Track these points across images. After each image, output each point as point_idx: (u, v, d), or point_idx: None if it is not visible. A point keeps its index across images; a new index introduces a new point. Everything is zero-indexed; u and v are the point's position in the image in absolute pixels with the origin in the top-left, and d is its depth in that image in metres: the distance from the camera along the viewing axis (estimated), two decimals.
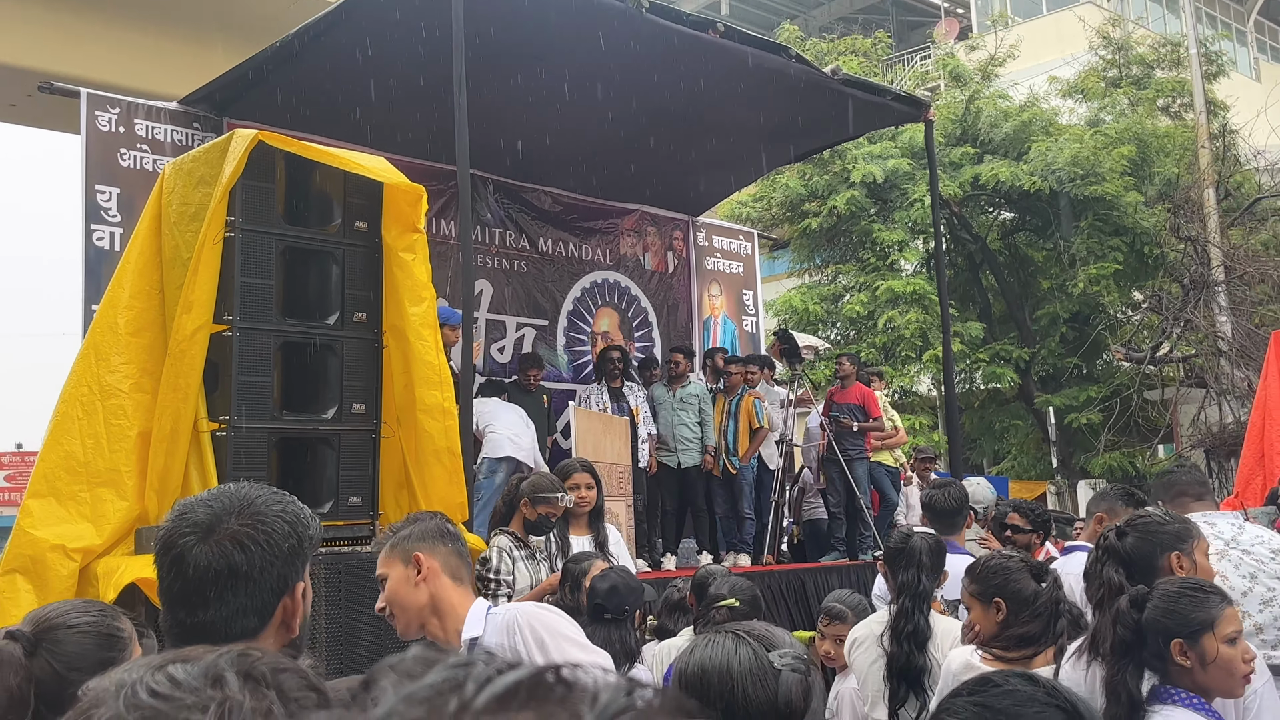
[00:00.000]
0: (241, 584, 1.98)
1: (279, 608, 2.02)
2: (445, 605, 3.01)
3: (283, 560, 2.01)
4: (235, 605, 1.97)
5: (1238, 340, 19.05)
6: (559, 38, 8.46)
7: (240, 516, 2.00)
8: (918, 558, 4.30)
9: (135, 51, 16.72)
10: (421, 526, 3.11)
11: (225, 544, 1.97)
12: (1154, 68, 23.68)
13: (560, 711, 0.48)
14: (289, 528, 2.03)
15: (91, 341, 5.56)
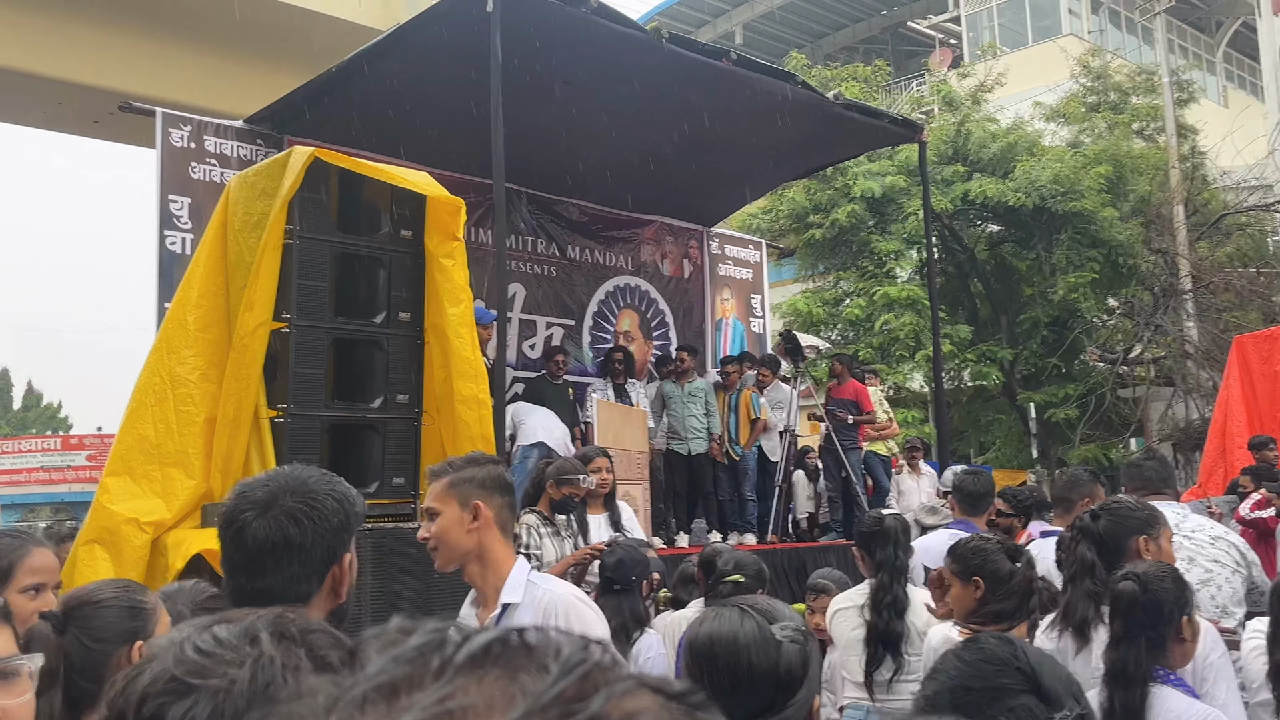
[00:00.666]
0: (295, 554, 2.01)
1: (328, 576, 2.06)
2: (490, 556, 2.84)
3: (332, 534, 2.05)
4: (290, 573, 2.00)
5: (1203, 344, 18.96)
6: (587, 65, 8.47)
7: (294, 495, 2.03)
8: (893, 536, 4.33)
9: (205, 74, 16.83)
10: (484, 473, 2.87)
11: (281, 519, 2.01)
12: (1130, 95, 23.54)
13: (528, 664, 0.50)
14: (337, 505, 2.07)
15: (163, 336, 5.62)
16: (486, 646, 0.51)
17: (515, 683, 0.50)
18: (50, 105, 17.95)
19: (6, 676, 1.58)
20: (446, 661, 0.51)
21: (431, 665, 0.51)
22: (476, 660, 0.51)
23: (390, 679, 0.51)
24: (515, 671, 0.50)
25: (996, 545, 3.69)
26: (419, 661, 0.51)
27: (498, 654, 0.51)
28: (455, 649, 0.51)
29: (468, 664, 0.51)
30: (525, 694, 0.49)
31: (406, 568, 5.45)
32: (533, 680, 0.50)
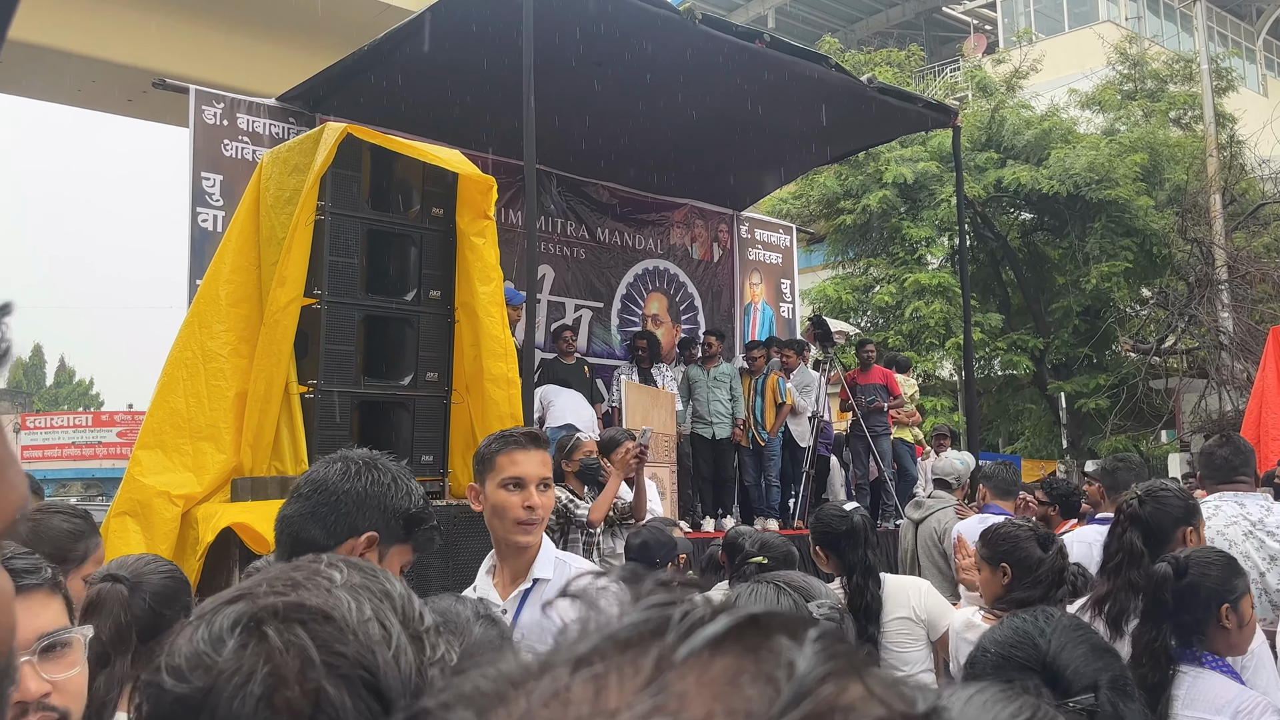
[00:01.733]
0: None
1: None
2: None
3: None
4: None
5: (1238, 335, 18.75)
6: (620, 46, 8.45)
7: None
8: (863, 535, 4.10)
9: (239, 53, 16.90)
10: (483, 452, 2.90)
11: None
12: (1167, 82, 23.25)
13: (757, 669, 0.45)
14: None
15: (196, 311, 5.65)
16: (714, 642, 0.46)
17: (741, 697, 0.44)
18: (85, 83, 18.09)
19: (57, 649, 1.58)
20: (666, 655, 0.45)
21: (648, 656, 0.45)
22: (697, 658, 0.45)
23: (601, 667, 0.45)
24: (741, 679, 0.45)
25: (1028, 532, 3.65)
26: (636, 647, 0.46)
27: (726, 651, 0.46)
28: (679, 639, 0.46)
29: (689, 662, 0.45)
30: (749, 716, 0.43)
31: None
32: (760, 696, 0.44)
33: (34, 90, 19.41)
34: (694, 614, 0.47)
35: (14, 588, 1.17)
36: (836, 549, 4.11)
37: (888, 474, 10.30)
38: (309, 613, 0.97)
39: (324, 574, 1.02)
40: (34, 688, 1.52)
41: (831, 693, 0.44)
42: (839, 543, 4.10)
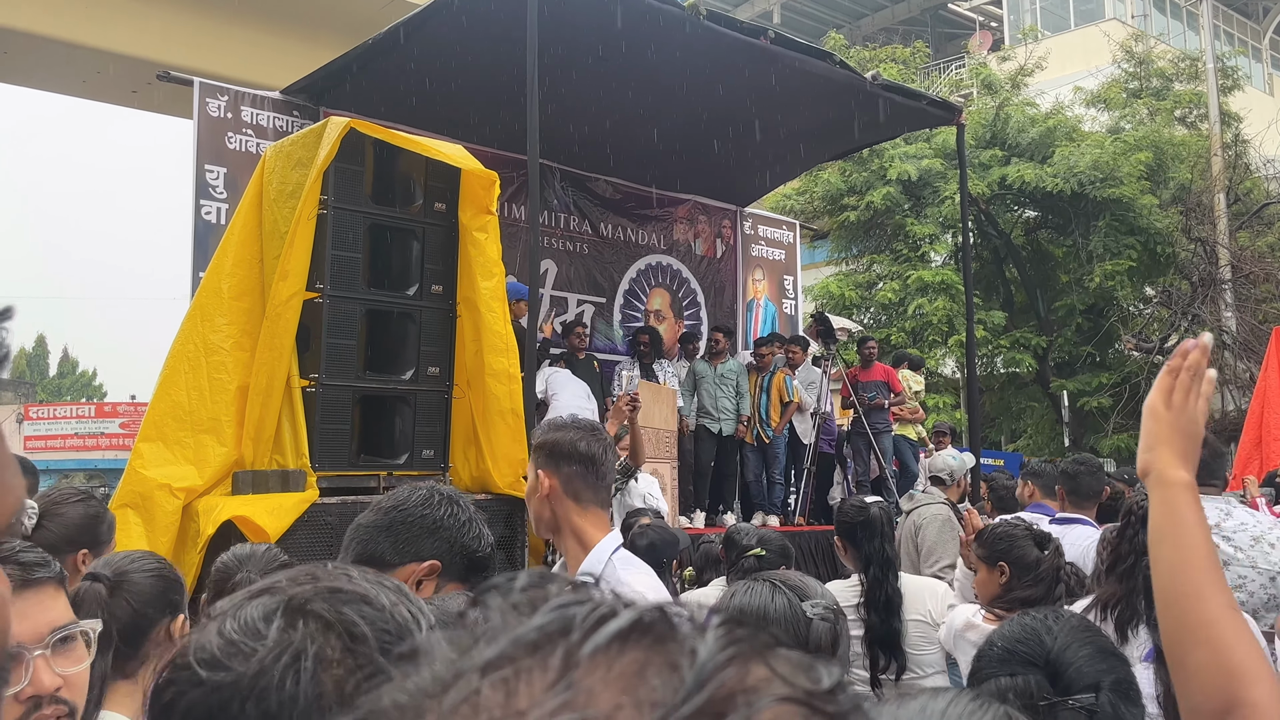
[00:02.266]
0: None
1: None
2: (568, 526, 2.74)
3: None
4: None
5: (1241, 334, 18.75)
6: (624, 41, 8.44)
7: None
8: (879, 527, 4.08)
9: (243, 46, 16.91)
10: (555, 439, 2.77)
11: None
12: (1173, 81, 23.20)
13: (660, 660, 0.46)
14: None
15: (198, 304, 5.66)
16: (618, 637, 0.47)
17: (647, 687, 0.45)
18: (89, 74, 18.11)
19: (67, 643, 1.58)
20: (572, 653, 0.46)
21: (555, 655, 0.46)
22: (603, 653, 0.46)
23: (509, 670, 0.46)
24: (646, 670, 0.46)
25: (1024, 532, 3.65)
26: (542, 648, 0.47)
27: (631, 645, 0.46)
28: (584, 637, 0.47)
29: (594, 658, 0.46)
30: (655, 705, 0.44)
31: None
32: (664, 685, 0.45)
33: (40, 81, 19.43)
34: (599, 611, 0.48)
35: (16, 585, 1.17)
36: (854, 541, 4.11)
37: (888, 471, 10.30)
38: (348, 595, 0.98)
39: (341, 570, 1.03)
40: (48, 681, 1.52)
41: (734, 676, 0.45)
42: (856, 534, 4.10)
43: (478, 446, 5.88)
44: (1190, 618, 1.46)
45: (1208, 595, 1.46)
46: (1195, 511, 1.53)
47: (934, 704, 1.01)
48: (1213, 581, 1.48)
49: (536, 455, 2.78)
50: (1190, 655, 1.45)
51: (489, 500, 5.79)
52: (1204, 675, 1.42)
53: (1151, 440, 1.59)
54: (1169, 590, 1.51)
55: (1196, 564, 1.49)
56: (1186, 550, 1.50)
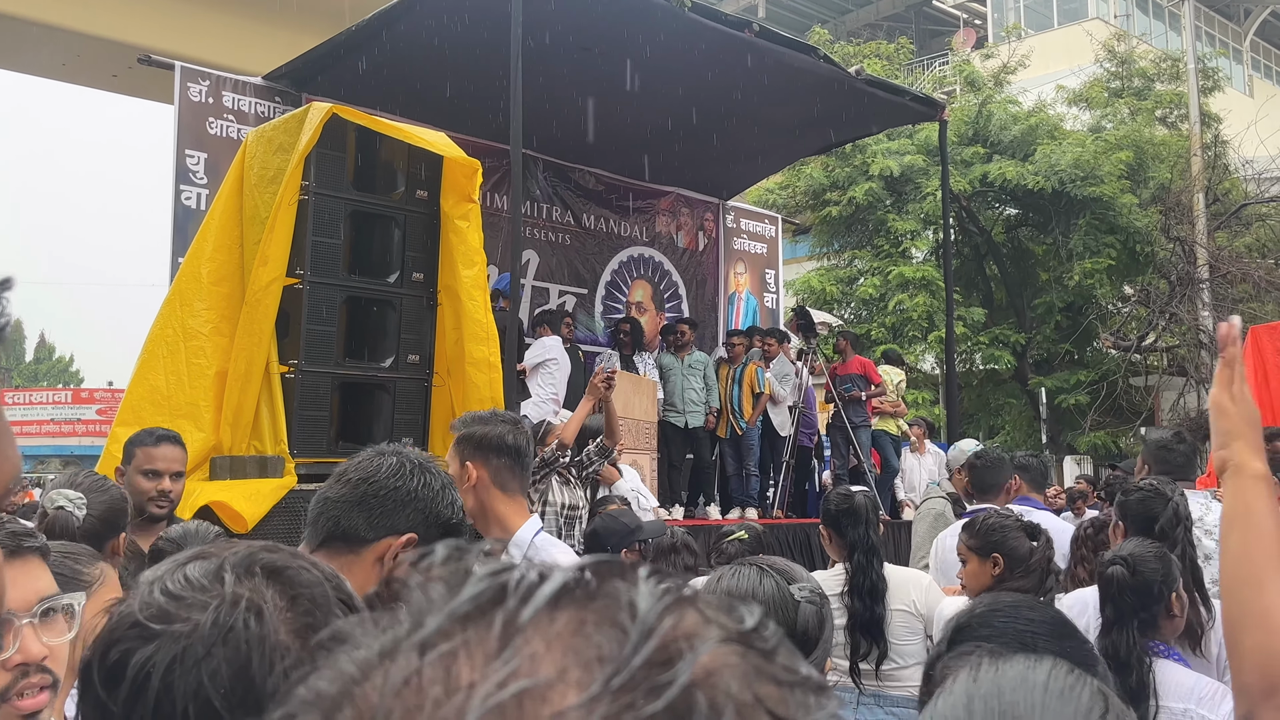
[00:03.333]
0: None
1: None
2: (493, 514, 2.84)
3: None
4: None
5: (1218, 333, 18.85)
6: (609, 32, 8.44)
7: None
8: (864, 515, 4.06)
9: (226, 31, 16.80)
10: (484, 432, 2.86)
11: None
12: (1154, 81, 23.32)
13: (601, 619, 0.46)
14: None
15: (177, 289, 5.63)
16: (554, 599, 0.46)
17: (590, 646, 0.45)
18: (69, 57, 17.95)
19: (50, 615, 1.59)
20: (510, 621, 0.46)
21: (493, 625, 0.46)
22: (543, 617, 0.46)
23: (448, 645, 0.45)
24: (587, 629, 0.45)
25: (1015, 523, 3.66)
26: (479, 620, 0.46)
27: (567, 605, 0.46)
28: (519, 603, 0.46)
29: (534, 623, 0.45)
30: (602, 661, 0.44)
31: None
32: (608, 641, 0.45)
33: (18, 64, 19.25)
34: (529, 577, 0.48)
35: (6, 554, 1.17)
36: (839, 529, 4.09)
37: (866, 464, 10.33)
38: (286, 556, 1.00)
39: (268, 544, 1.06)
40: (35, 650, 1.52)
41: (672, 624, 0.46)
42: (840, 522, 4.09)
43: None
44: (1250, 603, 1.54)
45: (1269, 583, 1.54)
46: (1268, 503, 1.60)
47: (1034, 674, 1.02)
48: (1276, 570, 1.55)
49: (462, 447, 2.86)
50: (1245, 638, 1.53)
51: None
52: (1256, 657, 1.50)
53: (1225, 437, 1.66)
54: (1233, 576, 1.59)
55: (1262, 553, 1.56)
56: (1254, 539, 1.57)
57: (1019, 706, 0.98)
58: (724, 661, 0.46)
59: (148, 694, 0.92)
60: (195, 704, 0.92)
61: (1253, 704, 1.50)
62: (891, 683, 3.89)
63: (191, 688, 0.92)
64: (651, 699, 0.43)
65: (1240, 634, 1.55)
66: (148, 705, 0.92)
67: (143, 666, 0.93)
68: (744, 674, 0.46)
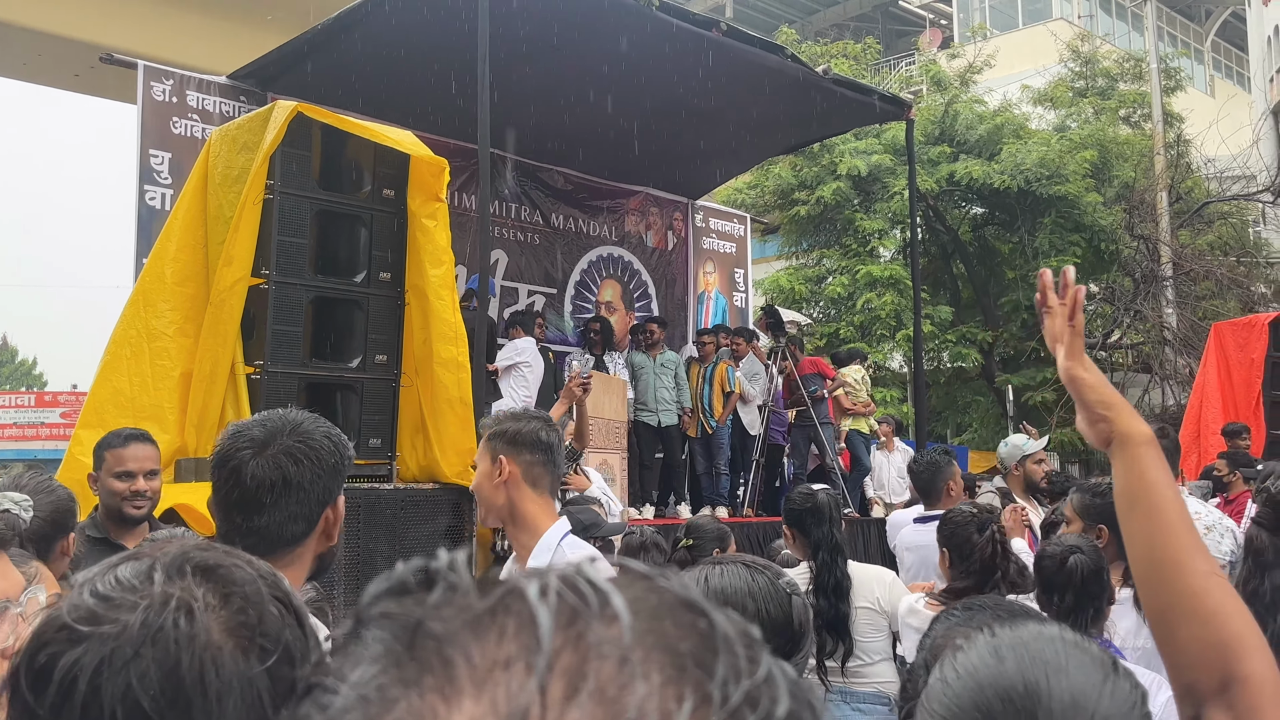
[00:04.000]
0: (294, 493, 2.01)
1: (322, 518, 2.06)
2: (520, 514, 2.78)
3: (328, 474, 2.05)
4: (287, 512, 2.00)
5: (1182, 331, 19.09)
6: (577, 30, 8.41)
7: (292, 435, 2.04)
8: (828, 513, 4.07)
9: (189, 29, 16.64)
10: (517, 428, 2.82)
11: (280, 457, 2.02)
12: (1118, 81, 23.55)
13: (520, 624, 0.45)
14: (333, 446, 2.07)
15: (140, 290, 5.57)
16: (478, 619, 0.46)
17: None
18: (30, 56, 17.74)
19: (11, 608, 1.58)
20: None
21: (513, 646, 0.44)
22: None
23: (460, 677, 0.43)
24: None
25: (969, 517, 3.65)
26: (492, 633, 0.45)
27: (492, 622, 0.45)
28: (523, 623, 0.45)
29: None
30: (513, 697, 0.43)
31: (380, 528, 5.45)
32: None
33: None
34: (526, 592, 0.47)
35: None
36: (802, 527, 4.10)
37: (828, 460, 10.36)
38: (219, 554, 0.99)
39: (202, 544, 1.04)
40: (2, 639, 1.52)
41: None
42: (804, 521, 4.09)
43: (425, 435, 5.85)
44: (1174, 589, 1.34)
45: (1188, 563, 1.35)
46: (1162, 471, 1.42)
47: (1047, 629, 1.10)
48: (1192, 546, 1.36)
49: (495, 442, 2.80)
50: (1179, 630, 1.33)
51: (436, 489, 5.76)
52: (1195, 650, 1.31)
53: (1098, 408, 1.50)
54: (1146, 560, 1.39)
55: (1173, 529, 1.37)
56: (1160, 515, 1.38)
57: (1046, 653, 1.05)
58: None
59: (75, 697, 0.91)
60: (124, 706, 0.90)
61: (1199, 703, 1.29)
62: (857, 679, 3.90)
63: (120, 690, 0.90)
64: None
65: (1171, 627, 1.34)
66: (75, 709, 0.90)
67: (70, 670, 0.91)
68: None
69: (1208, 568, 1.35)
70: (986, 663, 1.05)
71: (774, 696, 0.44)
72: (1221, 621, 1.31)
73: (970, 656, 1.07)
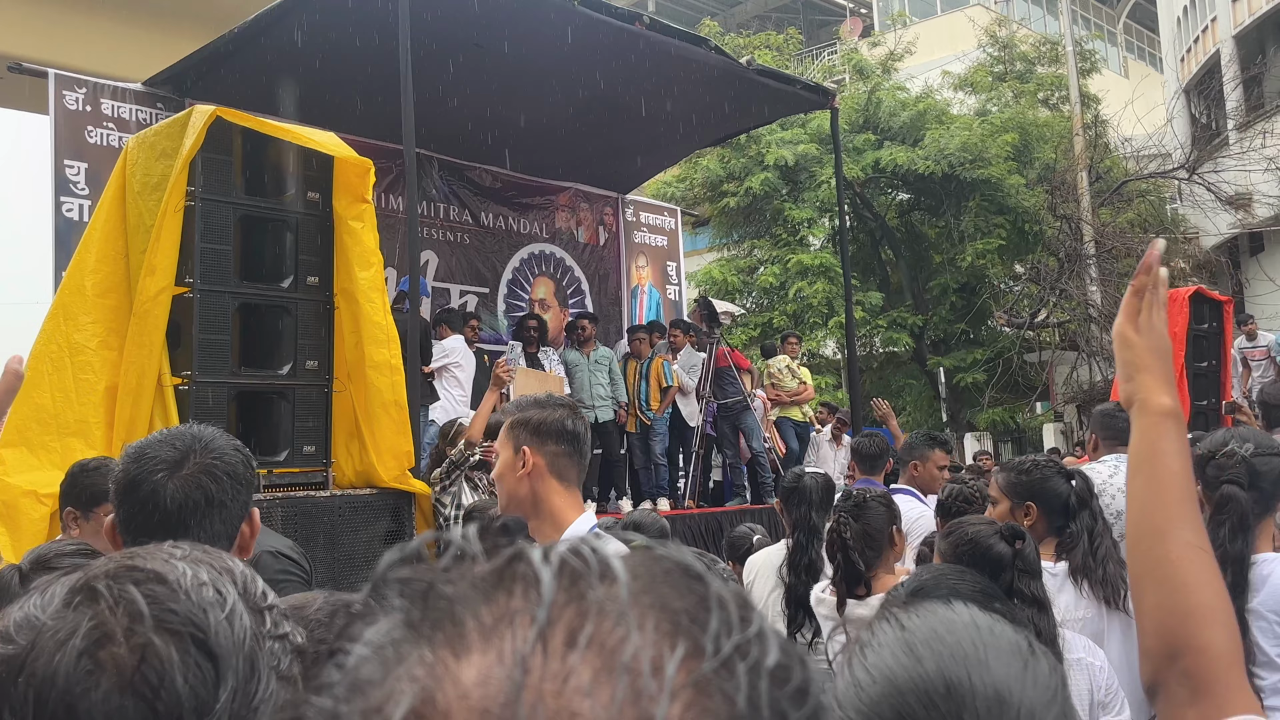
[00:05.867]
0: (217, 511, 1.97)
1: (239, 533, 2.02)
2: (546, 507, 2.65)
3: (245, 488, 2.02)
4: (211, 531, 1.96)
5: (1106, 307, 19.49)
6: (499, 27, 8.36)
7: (204, 452, 1.99)
8: (809, 495, 4.25)
9: (101, 36, 16.28)
10: (542, 417, 2.68)
11: (199, 476, 1.97)
12: (1035, 64, 23.97)
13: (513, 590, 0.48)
14: (244, 459, 2.04)
15: (60, 302, 5.42)
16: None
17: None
18: None
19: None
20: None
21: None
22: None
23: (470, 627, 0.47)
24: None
25: (879, 498, 3.66)
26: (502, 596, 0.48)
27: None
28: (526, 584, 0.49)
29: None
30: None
31: (318, 536, 5.37)
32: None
33: None
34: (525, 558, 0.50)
35: None
36: (788, 507, 4.33)
37: (754, 448, 10.46)
38: (143, 574, 0.97)
39: (166, 550, 1.02)
40: None
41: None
42: (789, 500, 4.32)
43: (361, 440, 5.76)
44: (1155, 555, 1.36)
45: (1172, 533, 1.36)
46: (1176, 442, 1.43)
47: (957, 616, 1.04)
48: (1182, 517, 1.37)
49: (518, 432, 2.66)
50: (1147, 595, 1.36)
51: (374, 495, 5.69)
52: (1158, 616, 1.33)
53: (1130, 369, 1.50)
54: (1137, 525, 1.41)
55: (1168, 499, 1.38)
56: (1160, 484, 1.39)
57: (963, 645, 1.00)
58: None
59: None
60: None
61: (1156, 669, 1.32)
62: (817, 658, 3.93)
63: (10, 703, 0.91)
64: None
65: (1142, 591, 1.37)
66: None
67: None
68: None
69: (1193, 540, 1.36)
70: (901, 662, 0.99)
71: (764, 649, 0.47)
72: (1190, 591, 1.32)
73: (883, 655, 1.01)
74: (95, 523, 3.13)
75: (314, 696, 0.48)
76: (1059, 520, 3.25)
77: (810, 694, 0.48)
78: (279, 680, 0.97)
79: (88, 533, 3.13)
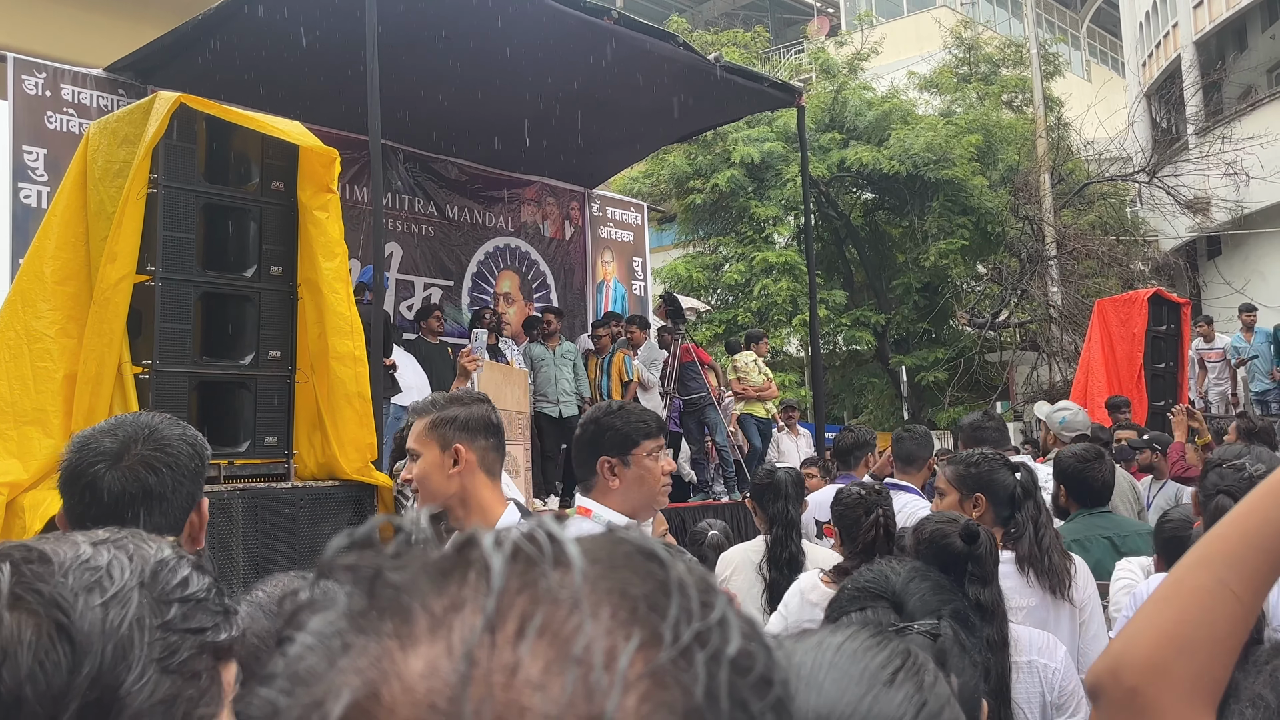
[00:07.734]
0: (156, 504, 1.95)
1: (187, 523, 2.00)
2: (475, 502, 2.64)
3: (190, 480, 1.99)
4: (150, 525, 1.92)
5: (1067, 308, 19.71)
6: (467, 19, 8.33)
7: (146, 443, 1.97)
8: (784, 490, 4.24)
9: (63, 22, 16.03)
10: (468, 413, 2.67)
11: (138, 469, 1.94)
12: (999, 66, 24.15)
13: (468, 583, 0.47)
14: (191, 450, 2.01)
15: (18, 289, 5.35)
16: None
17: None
18: None
19: None
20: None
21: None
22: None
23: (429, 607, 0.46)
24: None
25: (857, 496, 3.69)
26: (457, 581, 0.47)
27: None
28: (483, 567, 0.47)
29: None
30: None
31: (279, 528, 5.34)
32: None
33: None
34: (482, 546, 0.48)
35: None
36: (762, 503, 4.31)
37: (716, 443, 10.50)
38: (30, 553, 0.97)
39: (89, 533, 1.02)
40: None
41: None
42: (763, 497, 4.29)
43: (323, 432, 5.73)
44: (1175, 571, 1.20)
45: (1199, 559, 1.19)
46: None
47: (831, 639, 1.05)
48: (1221, 555, 1.17)
49: (445, 429, 2.64)
50: (1152, 604, 1.17)
51: (336, 487, 5.66)
52: (1142, 623, 1.16)
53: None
54: (1199, 548, 1.20)
55: (1224, 530, 1.19)
56: (1230, 516, 1.19)
57: (805, 667, 1.02)
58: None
59: None
60: None
61: (1103, 675, 1.13)
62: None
63: None
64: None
65: (1153, 600, 1.19)
66: None
67: None
68: None
69: (1218, 574, 1.18)
70: None
71: (725, 636, 0.46)
72: (1188, 620, 1.15)
73: None
74: None
75: (259, 688, 0.47)
76: (1005, 511, 3.30)
77: (774, 682, 0.47)
78: (165, 674, 0.95)
79: None
